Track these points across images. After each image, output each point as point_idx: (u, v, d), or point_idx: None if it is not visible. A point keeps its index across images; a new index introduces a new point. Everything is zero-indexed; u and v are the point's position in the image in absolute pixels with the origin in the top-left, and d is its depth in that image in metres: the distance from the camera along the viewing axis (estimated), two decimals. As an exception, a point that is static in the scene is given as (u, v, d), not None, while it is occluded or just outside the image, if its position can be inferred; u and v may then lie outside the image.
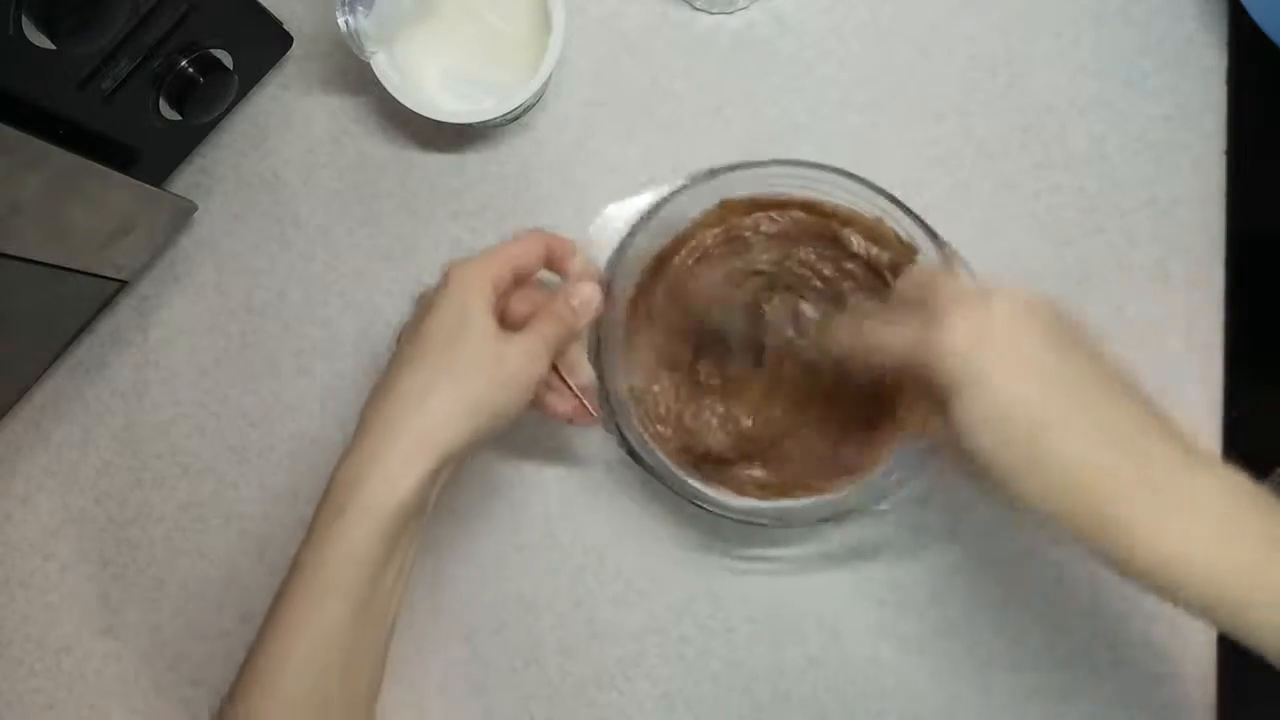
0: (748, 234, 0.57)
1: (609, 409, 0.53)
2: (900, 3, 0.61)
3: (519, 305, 0.51)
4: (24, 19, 0.43)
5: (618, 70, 0.62)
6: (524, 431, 0.59)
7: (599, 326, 0.54)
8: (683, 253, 0.57)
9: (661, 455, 0.55)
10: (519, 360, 0.47)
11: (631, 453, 0.53)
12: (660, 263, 0.57)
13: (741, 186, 0.55)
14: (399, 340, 0.49)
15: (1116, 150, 0.60)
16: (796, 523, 0.56)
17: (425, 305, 0.48)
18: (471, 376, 0.46)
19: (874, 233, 0.55)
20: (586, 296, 0.51)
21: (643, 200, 0.54)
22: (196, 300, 0.63)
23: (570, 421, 0.53)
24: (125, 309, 0.63)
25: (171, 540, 0.62)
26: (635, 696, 0.59)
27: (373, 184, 0.62)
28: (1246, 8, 0.55)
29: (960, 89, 0.61)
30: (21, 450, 0.63)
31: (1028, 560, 0.58)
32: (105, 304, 0.60)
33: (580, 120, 0.62)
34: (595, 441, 0.59)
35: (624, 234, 0.54)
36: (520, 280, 0.51)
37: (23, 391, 0.61)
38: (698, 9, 0.62)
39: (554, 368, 0.51)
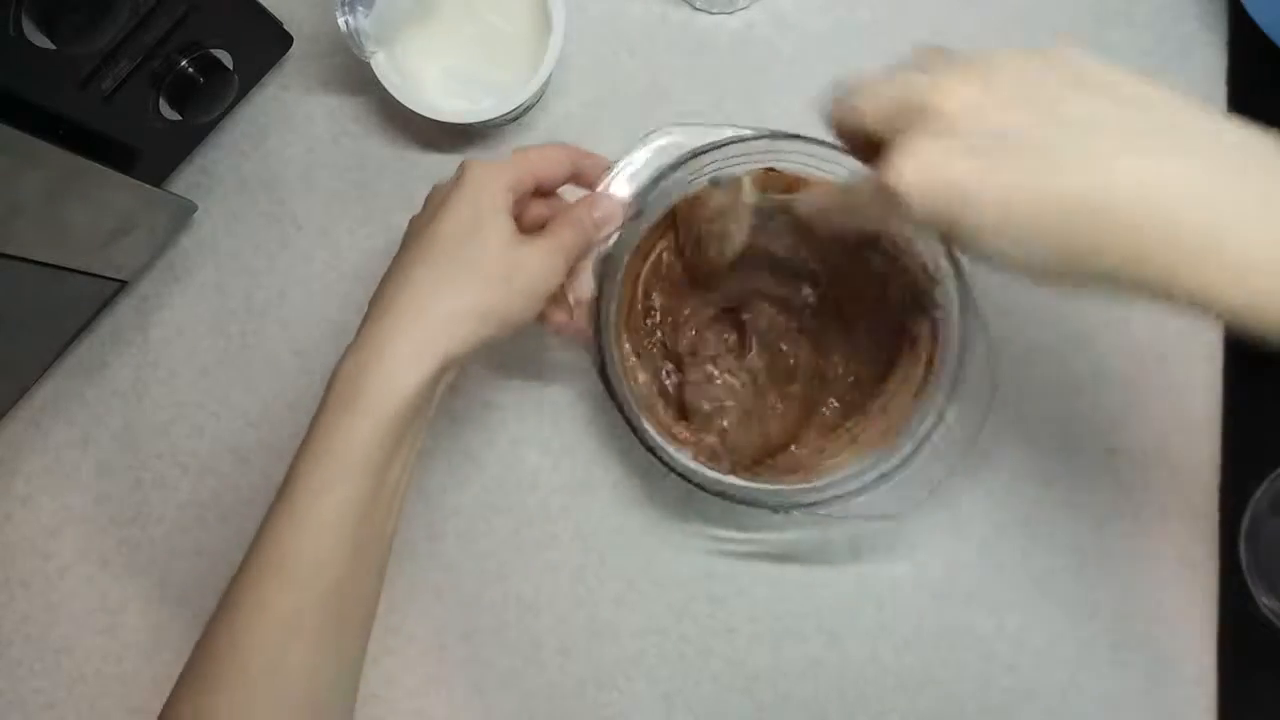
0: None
1: (595, 329, 0.52)
2: (900, 3, 0.61)
3: (536, 209, 0.49)
4: (24, 19, 0.43)
5: (618, 70, 0.62)
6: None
7: (613, 244, 0.52)
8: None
9: (631, 399, 0.53)
10: (538, 269, 0.45)
11: (604, 375, 0.51)
12: (689, 207, 0.55)
13: (792, 160, 0.53)
14: (408, 232, 0.47)
15: (1116, 150, 0.60)
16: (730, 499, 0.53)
17: (439, 201, 0.46)
18: (485, 282, 0.44)
19: (900, 248, 0.54)
20: (609, 209, 0.49)
21: (700, 134, 0.52)
22: (196, 300, 0.63)
23: (558, 332, 0.51)
24: (125, 309, 0.63)
25: (171, 540, 0.62)
26: (635, 696, 0.59)
27: (373, 184, 0.62)
28: (1246, 8, 0.55)
29: (960, 89, 0.60)
30: (21, 450, 0.62)
31: (1027, 560, 0.58)
32: (105, 304, 0.60)
33: (580, 120, 0.62)
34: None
35: (667, 164, 0.51)
36: (541, 192, 0.49)
37: (23, 391, 0.61)
38: (698, 9, 0.62)
39: None
